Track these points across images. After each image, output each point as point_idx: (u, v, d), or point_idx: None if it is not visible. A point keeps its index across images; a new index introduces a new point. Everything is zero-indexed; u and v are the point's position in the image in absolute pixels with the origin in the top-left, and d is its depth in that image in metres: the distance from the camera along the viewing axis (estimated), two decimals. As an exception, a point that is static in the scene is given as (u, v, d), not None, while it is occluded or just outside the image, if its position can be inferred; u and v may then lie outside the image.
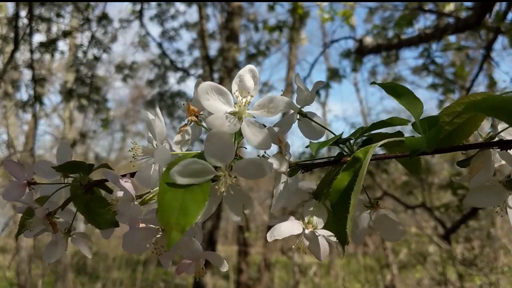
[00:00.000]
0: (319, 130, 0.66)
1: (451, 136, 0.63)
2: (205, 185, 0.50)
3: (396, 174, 6.75)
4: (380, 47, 4.14)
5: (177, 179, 0.48)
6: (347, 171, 0.55)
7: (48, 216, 0.64)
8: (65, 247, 0.66)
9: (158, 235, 0.57)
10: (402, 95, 0.64)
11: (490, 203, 0.61)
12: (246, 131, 0.52)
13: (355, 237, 0.64)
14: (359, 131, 0.63)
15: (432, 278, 6.15)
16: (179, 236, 0.46)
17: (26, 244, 6.46)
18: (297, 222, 0.59)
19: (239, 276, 7.14)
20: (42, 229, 0.64)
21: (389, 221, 0.63)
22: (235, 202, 0.54)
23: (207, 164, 0.50)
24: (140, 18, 4.87)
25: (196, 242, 0.57)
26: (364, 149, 0.55)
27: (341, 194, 0.53)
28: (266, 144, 0.52)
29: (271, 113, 0.53)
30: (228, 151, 0.51)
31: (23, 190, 0.66)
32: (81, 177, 0.65)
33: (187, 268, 0.61)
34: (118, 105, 13.63)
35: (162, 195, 0.48)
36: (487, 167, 0.61)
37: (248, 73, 0.55)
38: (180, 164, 0.49)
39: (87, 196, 0.64)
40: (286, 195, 0.58)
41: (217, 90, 0.53)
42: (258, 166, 0.51)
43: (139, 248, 0.57)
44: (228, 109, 0.53)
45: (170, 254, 0.58)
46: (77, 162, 0.64)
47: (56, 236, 0.66)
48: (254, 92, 0.54)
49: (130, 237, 0.56)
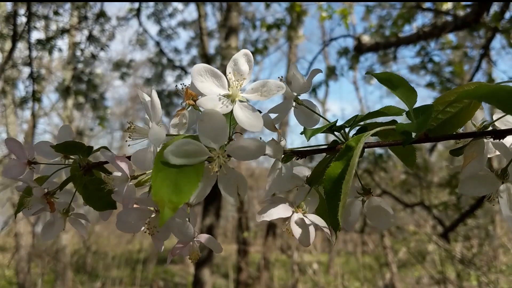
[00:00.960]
0: (314, 117, 0.67)
1: (445, 125, 0.63)
2: (199, 165, 0.51)
3: (395, 173, 6.77)
4: (379, 46, 4.14)
5: (171, 159, 0.49)
6: (340, 160, 0.55)
7: (46, 195, 0.65)
8: (62, 227, 0.67)
9: (151, 216, 0.58)
10: (397, 86, 0.64)
11: (481, 192, 0.61)
12: (238, 113, 0.53)
13: (347, 224, 0.64)
14: (354, 119, 0.64)
15: (431, 276, 6.16)
16: (171, 214, 0.47)
17: (25, 243, 6.46)
18: (288, 205, 0.60)
19: (238, 274, 7.16)
20: (40, 208, 0.64)
21: (381, 209, 0.63)
22: (229, 183, 0.54)
23: (201, 145, 0.51)
24: (138, 16, 4.87)
25: (189, 225, 0.57)
26: (356, 137, 0.56)
27: (334, 182, 0.54)
28: (258, 126, 0.52)
29: (264, 96, 0.54)
30: (222, 132, 0.52)
31: (23, 168, 0.67)
32: (80, 159, 0.65)
33: (181, 251, 0.61)
34: (117, 104, 13.65)
35: (156, 173, 0.48)
36: (480, 156, 0.61)
37: (243, 57, 0.56)
38: (174, 144, 0.49)
39: (85, 178, 0.65)
40: (280, 181, 0.59)
41: (211, 72, 0.54)
42: (253, 146, 0.51)
43: (132, 228, 0.58)
44: (222, 91, 0.54)
45: (162, 235, 0.59)
46: (77, 143, 0.65)
47: (53, 215, 0.66)
48: (248, 76, 0.55)
49: (124, 216, 0.56)
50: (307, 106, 0.67)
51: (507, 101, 0.48)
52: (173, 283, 9.51)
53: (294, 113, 0.67)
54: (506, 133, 0.59)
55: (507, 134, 0.59)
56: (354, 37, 4.57)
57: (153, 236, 0.58)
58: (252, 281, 7.33)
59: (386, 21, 4.65)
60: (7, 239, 9.00)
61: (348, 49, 4.67)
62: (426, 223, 6.93)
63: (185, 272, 10.36)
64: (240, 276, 7.14)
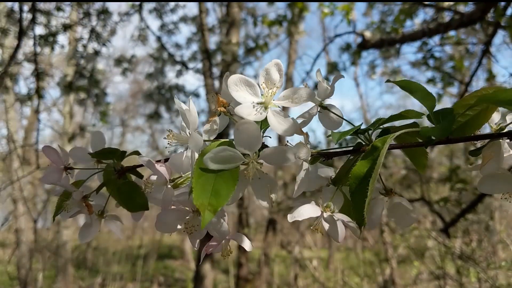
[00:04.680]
0: (338, 121, 0.70)
1: (464, 127, 0.66)
2: (234, 170, 0.55)
3: (395, 169, 6.79)
4: (383, 42, 4.15)
5: (210, 165, 0.52)
6: (365, 159, 0.58)
7: (84, 198, 0.67)
8: (98, 228, 0.70)
9: (188, 216, 0.60)
10: (416, 91, 0.68)
11: (500, 190, 0.64)
12: (271, 120, 0.56)
13: (370, 222, 0.67)
14: (378, 122, 0.67)
15: (430, 272, 6.20)
16: (212, 216, 0.51)
17: (26, 239, 6.48)
18: (316, 205, 0.63)
19: (239, 270, 7.17)
20: (77, 210, 0.67)
21: (403, 208, 0.66)
22: (262, 187, 0.58)
23: (237, 151, 0.54)
24: (140, 11, 4.87)
25: (224, 224, 0.61)
26: (382, 139, 0.59)
27: (360, 180, 0.57)
28: (290, 131, 0.56)
29: (295, 103, 0.57)
30: (255, 140, 0.55)
31: (60, 174, 0.71)
32: (114, 163, 0.68)
33: (215, 248, 0.64)
34: (117, 100, 13.63)
35: (197, 178, 0.52)
36: (497, 156, 0.64)
37: (274, 67, 0.59)
38: (212, 151, 0.53)
39: (120, 181, 0.68)
40: (308, 181, 0.62)
41: (246, 82, 0.57)
42: (283, 153, 0.55)
43: (171, 228, 0.61)
44: (255, 99, 0.57)
45: (198, 235, 0.63)
46: (112, 149, 0.68)
47: (91, 217, 0.69)
48: (279, 84, 0.58)
49: (163, 217, 0.60)
50: (331, 110, 0.69)
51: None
52: (173, 279, 9.56)
53: (318, 117, 0.70)
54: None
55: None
56: (358, 34, 4.57)
57: (191, 235, 0.61)
58: (252, 277, 7.36)
59: (387, 17, 4.67)
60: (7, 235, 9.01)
61: (350, 45, 4.68)
62: (425, 218, 6.96)
63: (185, 267, 10.41)
64: (240, 272, 7.16)
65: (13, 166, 6.30)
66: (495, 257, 5.83)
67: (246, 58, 5.37)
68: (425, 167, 0.72)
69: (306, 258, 8.61)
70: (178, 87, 5.44)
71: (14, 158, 6.20)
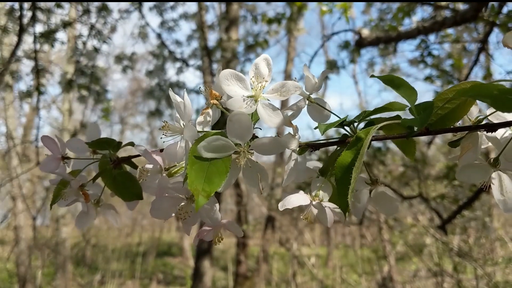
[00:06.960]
0: (326, 114, 0.74)
1: (443, 120, 0.70)
2: (227, 159, 0.58)
3: (393, 166, 6.83)
4: (379, 40, 4.18)
5: (203, 153, 0.56)
6: (350, 150, 0.62)
7: (81, 187, 0.71)
8: (94, 216, 0.74)
9: (182, 203, 0.64)
10: (399, 86, 0.71)
11: (477, 179, 0.68)
12: (261, 112, 0.60)
13: (356, 211, 0.71)
14: (362, 115, 0.70)
15: (428, 269, 6.23)
16: (205, 201, 0.54)
17: (25, 236, 6.50)
18: (305, 195, 0.67)
19: (237, 267, 7.21)
20: (74, 199, 0.71)
21: (387, 197, 0.70)
22: (252, 174, 0.61)
23: (229, 141, 0.58)
24: (140, 8, 4.89)
25: (217, 211, 0.64)
26: (365, 130, 0.63)
27: (345, 169, 0.61)
28: (278, 122, 0.59)
29: (283, 96, 0.60)
30: (247, 131, 0.59)
31: (58, 163, 0.74)
32: (110, 154, 0.72)
33: (206, 234, 0.68)
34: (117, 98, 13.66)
35: (191, 166, 0.56)
36: (475, 147, 0.68)
37: (263, 61, 0.63)
38: (205, 141, 0.56)
39: (115, 171, 0.72)
40: (296, 172, 0.65)
41: (236, 76, 0.61)
42: (274, 143, 0.58)
43: (165, 214, 0.65)
44: (246, 93, 0.61)
45: (192, 221, 0.66)
46: (108, 139, 0.71)
47: (87, 206, 0.73)
48: (268, 78, 0.62)
49: (158, 204, 0.63)
50: (319, 103, 0.73)
51: (498, 99, 0.55)
52: (172, 276, 9.59)
53: (307, 110, 0.73)
54: (498, 126, 0.66)
55: (498, 127, 0.66)
56: (355, 31, 4.60)
57: (184, 221, 0.64)
58: (251, 274, 7.39)
59: (386, 14, 4.69)
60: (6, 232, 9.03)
61: (349, 42, 4.71)
62: (423, 217, 6.99)
63: (184, 265, 10.44)
64: (239, 269, 7.19)
65: (12, 163, 6.32)
66: (493, 254, 5.86)
67: (246, 55, 5.40)
68: (413, 154, 0.76)
69: (304, 255, 8.64)
70: (179, 84, 5.46)
71: (13, 156, 6.22)
